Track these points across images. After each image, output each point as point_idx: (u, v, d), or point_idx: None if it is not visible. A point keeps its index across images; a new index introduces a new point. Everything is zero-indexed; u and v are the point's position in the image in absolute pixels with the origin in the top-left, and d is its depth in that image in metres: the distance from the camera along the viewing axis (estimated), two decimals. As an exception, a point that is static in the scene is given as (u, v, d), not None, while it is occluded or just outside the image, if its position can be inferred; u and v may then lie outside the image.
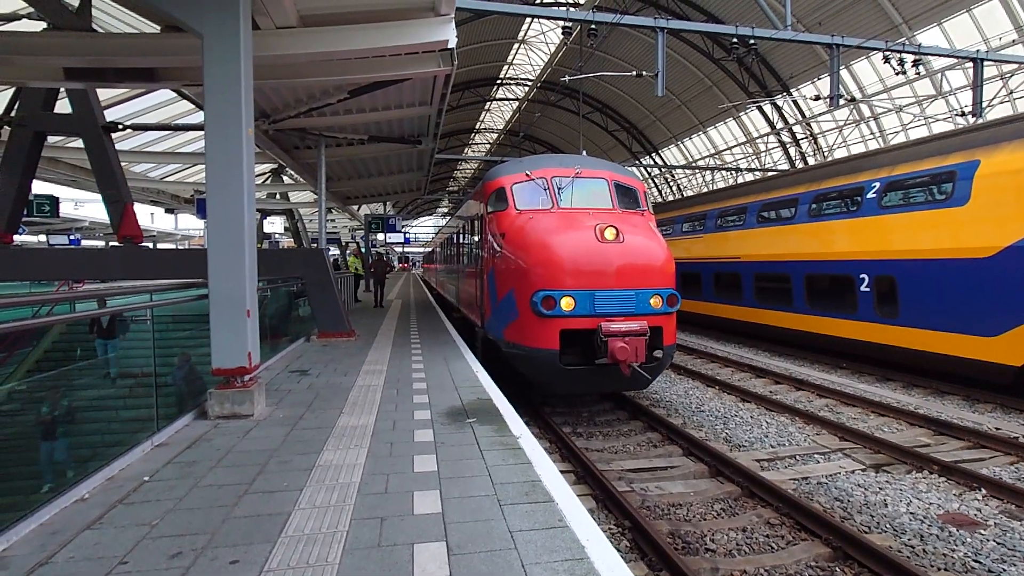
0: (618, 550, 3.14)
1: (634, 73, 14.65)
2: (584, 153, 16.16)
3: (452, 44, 7.60)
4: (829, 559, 4.66)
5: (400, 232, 29.98)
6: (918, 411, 8.74)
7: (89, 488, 3.89)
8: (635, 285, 7.65)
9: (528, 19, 28.83)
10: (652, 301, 7.72)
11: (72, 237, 36.61)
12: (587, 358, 7.58)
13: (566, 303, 7.40)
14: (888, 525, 5.22)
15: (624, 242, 7.73)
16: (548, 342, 7.49)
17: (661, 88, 12.68)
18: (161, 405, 5.25)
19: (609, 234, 7.66)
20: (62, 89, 10.73)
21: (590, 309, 7.47)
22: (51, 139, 12.75)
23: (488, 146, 54.51)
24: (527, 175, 9.01)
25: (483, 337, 9.81)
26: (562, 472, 4.37)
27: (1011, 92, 18.27)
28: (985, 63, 14.86)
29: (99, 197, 11.56)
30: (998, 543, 4.85)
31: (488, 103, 42.81)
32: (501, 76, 39.00)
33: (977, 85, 14.84)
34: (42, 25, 8.75)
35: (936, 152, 10.50)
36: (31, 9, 8.91)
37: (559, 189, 8.81)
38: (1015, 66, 16.90)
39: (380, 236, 27.57)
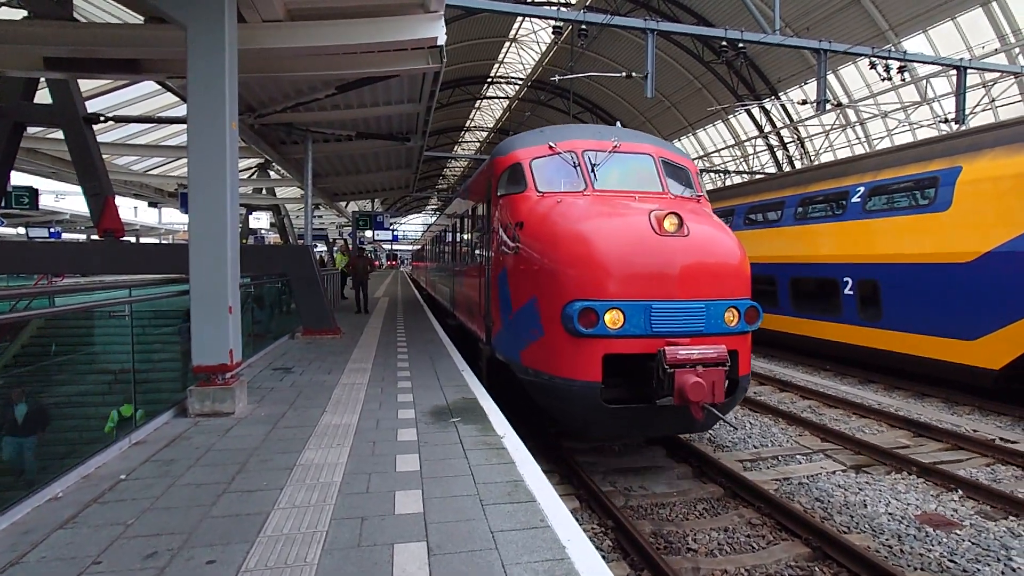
0: (600, 550, 3.13)
1: (624, 74, 14.70)
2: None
3: (441, 41, 7.55)
4: (809, 559, 4.71)
5: (388, 229, 29.85)
6: (899, 413, 8.86)
7: (63, 486, 3.81)
8: (705, 294, 5.73)
9: (519, 18, 28.82)
10: (727, 316, 5.79)
11: (52, 230, 35.94)
12: (637, 391, 5.74)
13: (612, 318, 5.46)
14: (867, 525, 5.28)
15: (689, 235, 5.76)
16: (586, 371, 5.52)
17: (651, 89, 12.72)
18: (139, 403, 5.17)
19: (669, 224, 5.68)
20: (43, 79, 10.51)
21: (645, 327, 5.50)
22: (31, 130, 12.52)
23: (478, 144, 54.42)
24: (551, 147, 7.14)
25: (489, 357, 7.79)
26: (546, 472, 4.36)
27: (993, 100, 18.59)
28: (968, 71, 15.10)
29: (80, 190, 11.35)
30: (973, 543, 4.92)
31: (478, 101, 42.75)
32: (491, 74, 38.93)
33: (960, 92, 15.07)
34: (22, 13, 8.57)
35: (919, 158, 10.64)
36: (11, -3, 8.73)
37: (593, 166, 6.95)
38: (997, 74, 17.18)
39: (368, 233, 27.38)
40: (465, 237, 11.12)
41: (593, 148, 7.17)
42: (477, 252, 9.33)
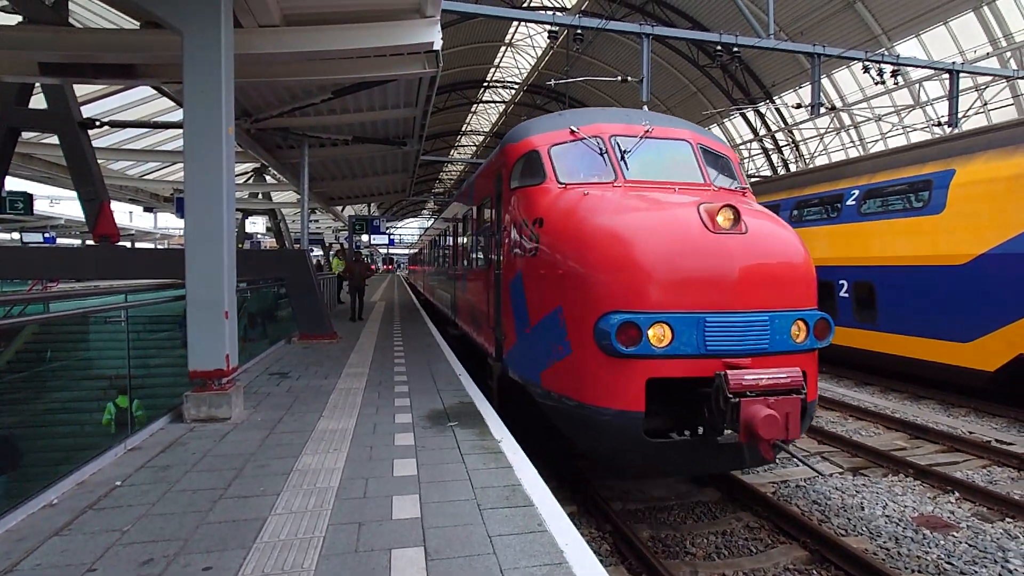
0: (598, 554, 3.13)
1: (620, 78, 14.76)
2: None
3: (437, 46, 7.57)
4: (807, 562, 4.71)
5: (384, 233, 29.81)
6: (895, 415, 8.88)
7: (58, 493, 3.78)
8: (769, 303, 4.78)
9: (515, 22, 28.91)
10: (793, 330, 4.84)
11: (47, 235, 35.83)
12: (685, 422, 4.98)
13: (658, 334, 4.53)
14: (864, 528, 5.28)
15: (748, 232, 4.83)
16: (624, 398, 4.62)
17: (646, 93, 12.78)
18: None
19: (724, 218, 4.76)
20: (37, 84, 10.50)
21: (698, 345, 4.58)
22: (26, 135, 12.47)
23: (474, 148, 54.50)
24: (572, 132, 6.24)
25: (500, 375, 6.91)
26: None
27: (986, 103, 18.73)
28: (961, 75, 15.22)
29: (75, 194, 11.32)
30: (970, 545, 4.93)
31: (474, 105, 42.84)
32: (487, 79, 39.04)
33: (953, 96, 15.19)
34: (17, 19, 8.56)
35: (913, 161, 10.71)
36: (5, 2, 8.72)
37: (623, 153, 6.05)
38: (989, 78, 17.33)
39: (364, 237, 27.34)
40: (469, 237, 10.10)
41: (622, 133, 6.24)
42: (484, 254, 8.39)
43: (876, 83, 15.09)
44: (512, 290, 6.34)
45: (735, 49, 14.10)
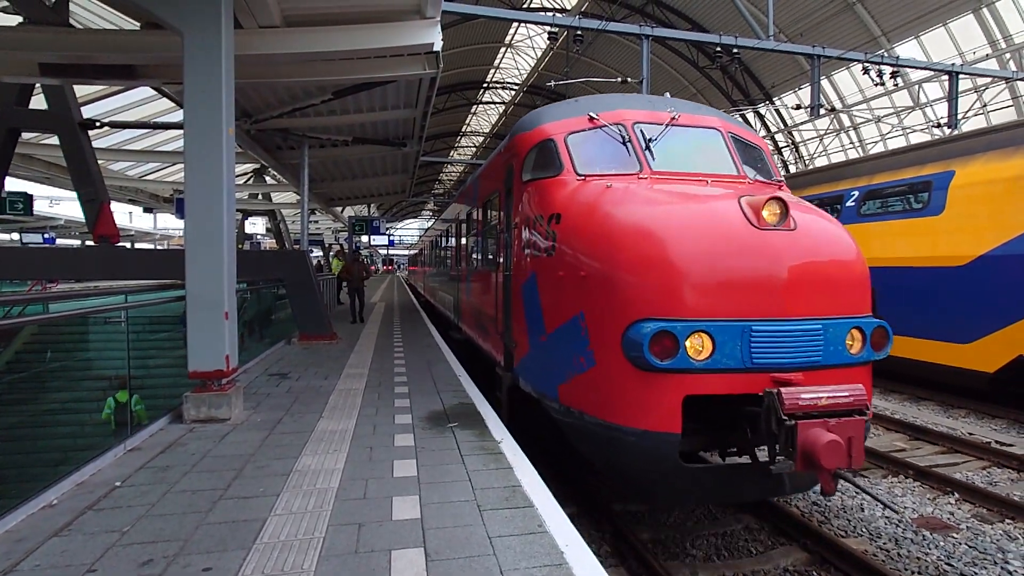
0: (598, 556, 3.13)
1: (620, 79, 14.77)
2: None
3: (437, 47, 7.58)
4: (807, 563, 4.70)
5: (384, 234, 29.84)
6: (895, 416, 8.89)
7: (58, 494, 3.78)
8: (821, 309, 4.25)
9: (515, 23, 28.94)
10: (848, 340, 4.32)
11: (46, 235, 35.83)
12: (721, 442, 4.61)
13: (697, 345, 4.01)
14: (864, 529, 5.28)
15: (797, 228, 4.32)
16: (657, 418, 4.10)
17: (646, 94, 12.78)
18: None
19: (770, 213, 4.25)
20: (38, 85, 10.50)
21: (743, 357, 4.04)
22: (26, 135, 12.48)
23: (474, 149, 54.54)
24: (591, 119, 5.73)
25: (511, 387, 6.42)
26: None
27: (985, 105, 18.76)
28: (960, 76, 15.24)
29: (75, 195, 11.32)
30: (970, 546, 4.93)
31: (474, 106, 42.86)
32: (487, 80, 39.06)
33: (952, 97, 15.21)
34: (17, 19, 8.57)
35: (913, 162, 10.72)
36: (6, 3, 8.73)
37: (648, 142, 5.52)
38: (988, 79, 17.35)
39: (364, 238, 27.36)
40: (475, 236, 9.51)
41: (646, 120, 5.73)
42: (491, 254, 7.85)
43: (876, 84, 15.12)
44: (524, 294, 5.80)
45: (735, 50, 14.12)
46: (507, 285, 6.56)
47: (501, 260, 6.92)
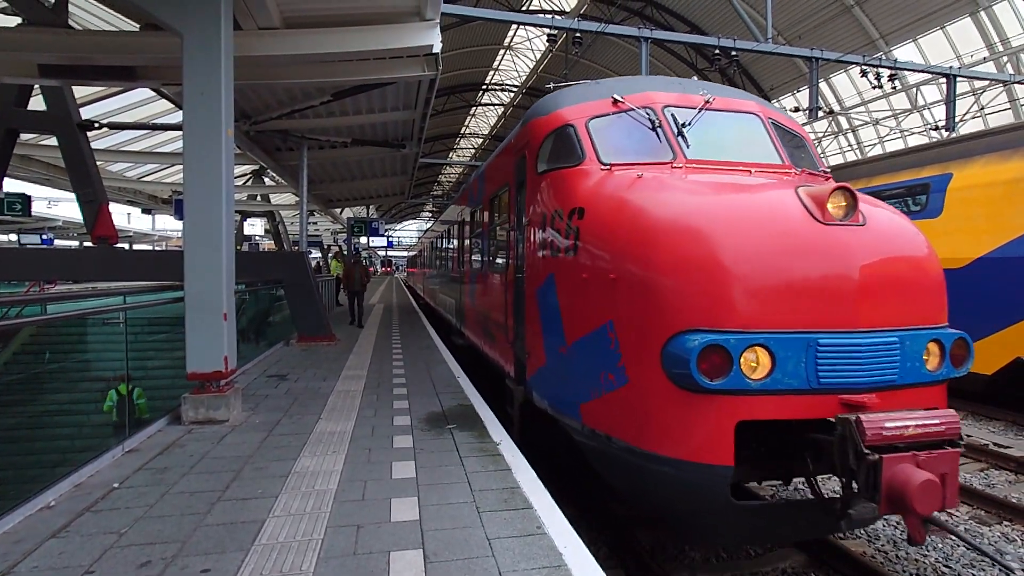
0: (597, 557, 3.13)
1: (618, 81, 14.76)
2: None
3: (437, 49, 7.60)
4: (805, 565, 4.71)
5: (383, 236, 29.85)
6: (892, 418, 8.88)
7: (55, 495, 3.78)
8: (897, 319, 3.66)
9: (514, 26, 28.99)
10: (926, 355, 3.74)
11: (45, 237, 35.75)
12: (780, 475, 4.10)
13: (754, 361, 3.43)
14: (863, 531, 5.28)
15: (866, 223, 3.70)
16: (706, 447, 3.50)
17: (644, 97, 12.79)
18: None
19: (835, 206, 3.64)
20: (36, 86, 10.50)
21: (807, 376, 3.45)
22: (24, 136, 12.47)
23: (473, 151, 54.57)
24: (615, 102, 5.15)
25: (523, 402, 5.79)
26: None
27: (983, 108, 18.81)
28: (958, 79, 15.29)
29: (73, 196, 11.31)
30: (968, 549, 4.94)
31: (473, 108, 42.89)
32: (487, 81, 39.09)
33: (950, 100, 15.25)
34: (17, 20, 8.56)
35: (911, 165, 10.74)
36: (4, 4, 8.73)
37: (681, 127, 4.96)
38: (986, 82, 17.41)
39: (364, 240, 27.36)
40: (480, 235, 8.91)
41: (677, 104, 5.18)
42: (500, 254, 7.30)
43: (874, 87, 15.15)
44: (540, 298, 5.19)
45: (733, 53, 14.13)
46: (518, 288, 5.98)
47: (511, 260, 6.37)
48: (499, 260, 7.30)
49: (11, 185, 16.48)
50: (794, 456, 3.74)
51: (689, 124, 4.99)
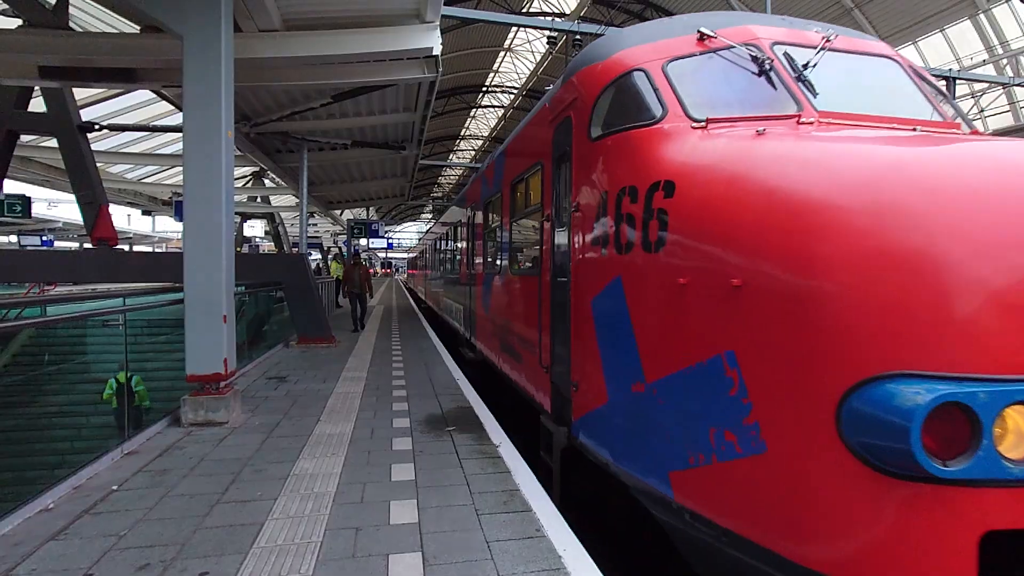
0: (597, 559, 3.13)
1: (618, 84, 14.77)
2: None
3: (437, 51, 7.61)
4: (805, 568, 4.66)
5: (383, 237, 29.85)
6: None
7: (54, 497, 3.77)
8: None
9: (514, 28, 29.03)
10: None
11: (44, 238, 35.78)
12: None
13: (1017, 429, 2.01)
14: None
15: None
16: (925, 571, 2.07)
17: (644, 99, 12.80)
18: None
19: None
20: (36, 87, 10.51)
21: None
22: (24, 138, 12.48)
23: (473, 153, 54.63)
24: (702, 38, 3.89)
25: (565, 448, 4.50)
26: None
27: (982, 110, 18.84)
28: (957, 81, 15.31)
29: (73, 198, 11.32)
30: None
31: (473, 110, 42.93)
32: (487, 83, 39.13)
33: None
34: (17, 22, 8.58)
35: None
36: (5, 6, 8.74)
37: (802, 68, 3.71)
38: (986, 85, 17.43)
39: (364, 241, 27.36)
40: (498, 228, 7.57)
41: (788, 41, 3.93)
42: (528, 250, 6.05)
43: (873, 89, 15.16)
44: (599, 311, 3.88)
45: (733, 55, 14.15)
46: (559, 296, 4.69)
47: (547, 259, 5.07)
48: (527, 259, 6.09)
49: (11, 186, 16.49)
50: None
51: (812, 65, 3.73)
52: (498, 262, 7.56)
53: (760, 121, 3.46)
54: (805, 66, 3.73)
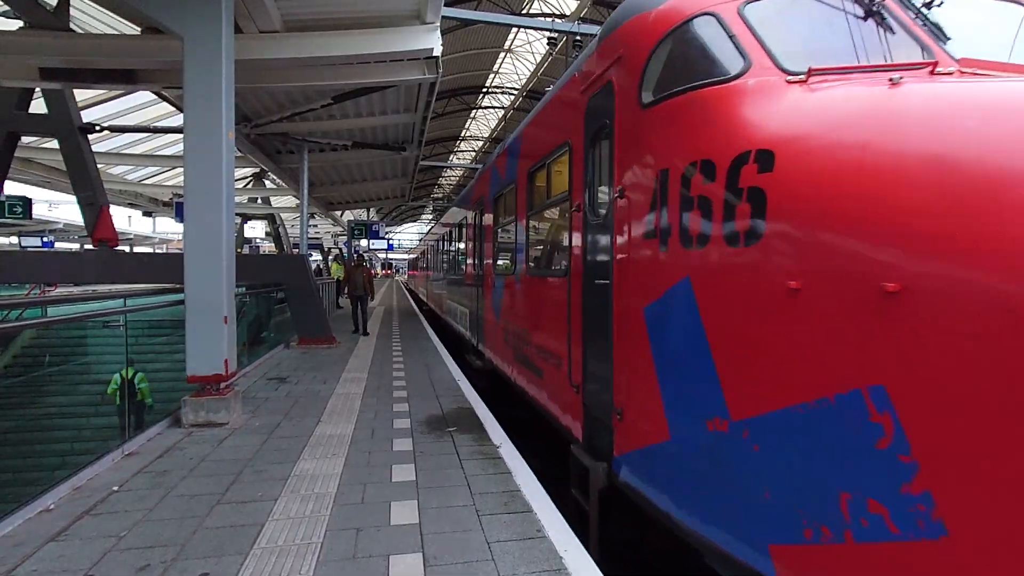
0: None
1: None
2: None
3: (437, 52, 7.62)
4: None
5: (383, 238, 29.86)
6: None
7: (55, 498, 3.77)
8: None
9: (514, 29, 29.06)
10: None
11: (45, 239, 35.79)
12: None
13: None
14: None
15: None
16: None
17: (644, 100, 12.79)
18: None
19: None
20: (37, 89, 10.53)
21: None
22: (25, 139, 12.48)
23: (473, 154, 54.67)
24: None
25: (604, 489, 3.71)
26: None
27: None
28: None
29: (74, 199, 11.33)
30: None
31: (473, 111, 42.96)
32: (487, 84, 39.15)
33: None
34: (18, 24, 8.59)
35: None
36: (6, 7, 8.75)
37: (920, 9, 3.03)
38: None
39: (364, 242, 27.38)
40: (512, 222, 6.69)
41: None
42: (552, 245, 5.33)
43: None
44: (657, 322, 3.10)
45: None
46: (597, 301, 3.87)
47: (579, 256, 4.24)
48: (551, 257, 5.32)
49: (12, 188, 16.53)
50: None
51: (934, 3, 3.02)
52: (512, 262, 6.68)
53: (879, 72, 2.67)
54: (928, 4, 3.01)
